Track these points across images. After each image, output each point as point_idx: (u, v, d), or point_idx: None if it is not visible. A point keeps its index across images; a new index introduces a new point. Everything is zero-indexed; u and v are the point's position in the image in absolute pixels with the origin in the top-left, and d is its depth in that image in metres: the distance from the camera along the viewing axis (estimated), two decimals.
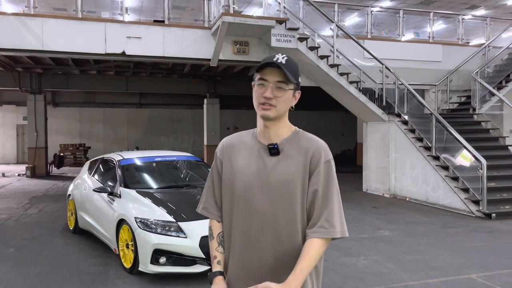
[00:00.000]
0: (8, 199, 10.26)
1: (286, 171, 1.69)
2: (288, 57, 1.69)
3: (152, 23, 10.51)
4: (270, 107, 1.67)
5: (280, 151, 1.72)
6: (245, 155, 1.77)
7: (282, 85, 1.66)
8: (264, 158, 1.73)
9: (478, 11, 17.51)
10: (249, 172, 1.73)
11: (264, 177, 1.70)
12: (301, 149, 1.71)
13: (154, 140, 22.50)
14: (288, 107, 1.73)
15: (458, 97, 12.87)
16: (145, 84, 17.55)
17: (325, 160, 1.70)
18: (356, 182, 12.36)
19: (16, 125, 21.21)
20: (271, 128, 1.73)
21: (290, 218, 1.69)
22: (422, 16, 13.98)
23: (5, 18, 9.16)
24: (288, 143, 1.73)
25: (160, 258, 4.53)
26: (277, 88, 1.66)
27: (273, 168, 1.70)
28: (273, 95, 1.66)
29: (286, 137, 1.75)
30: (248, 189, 1.72)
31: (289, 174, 1.68)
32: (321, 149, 1.71)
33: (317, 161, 1.69)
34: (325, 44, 10.43)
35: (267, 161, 1.72)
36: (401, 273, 4.98)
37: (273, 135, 1.74)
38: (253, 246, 1.72)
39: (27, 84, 15.58)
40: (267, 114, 1.68)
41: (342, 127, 24.43)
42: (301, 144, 1.73)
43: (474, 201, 8.34)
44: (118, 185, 5.57)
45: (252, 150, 1.76)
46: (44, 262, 5.37)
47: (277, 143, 1.72)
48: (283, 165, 1.70)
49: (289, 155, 1.71)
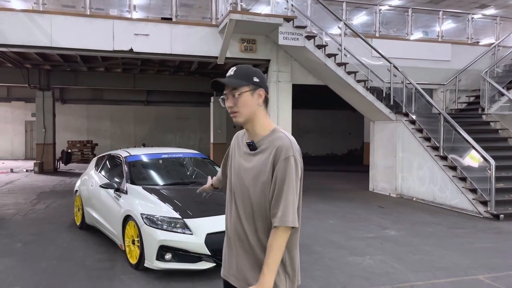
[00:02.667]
0: (16, 194, 10.35)
1: (257, 166, 1.93)
2: (238, 66, 1.98)
3: (160, 21, 10.53)
4: (235, 114, 1.94)
5: (257, 147, 1.96)
6: (239, 149, 2.07)
7: (235, 92, 1.93)
8: (246, 153, 2.01)
9: (487, 10, 17.34)
10: (236, 165, 2.04)
11: (243, 170, 1.98)
12: (269, 146, 1.92)
13: (161, 137, 22.59)
14: (253, 108, 1.94)
15: (467, 96, 12.76)
16: (152, 82, 17.59)
17: (285, 157, 1.86)
18: (362, 181, 12.31)
19: (25, 121, 21.39)
20: (249, 129, 2.00)
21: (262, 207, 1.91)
22: (431, 15, 13.87)
23: (14, 15, 9.23)
24: (264, 141, 1.96)
25: (165, 255, 4.54)
26: (234, 97, 1.93)
27: (249, 163, 1.97)
28: (232, 103, 1.93)
29: (264, 135, 1.97)
30: (234, 178, 2.03)
31: (259, 169, 1.92)
32: (283, 147, 1.87)
33: (278, 158, 1.86)
34: (332, 43, 10.38)
35: (247, 156, 2.00)
36: (407, 273, 4.95)
37: (252, 134, 2.00)
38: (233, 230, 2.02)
39: (35, 81, 15.69)
40: (236, 120, 1.96)
41: (349, 126, 24.32)
42: (271, 142, 1.93)
43: (482, 202, 8.26)
44: (124, 182, 5.59)
45: (242, 146, 2.06)
46: (51, 257, 5.40)
47: (254, 141, 1.97)
48: (257, 161, 1.94)
49: (263, 151, 1.93)
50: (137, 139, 22.25)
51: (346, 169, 16.42)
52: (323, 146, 24.85)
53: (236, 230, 1.99)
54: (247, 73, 1.96)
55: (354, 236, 6.59)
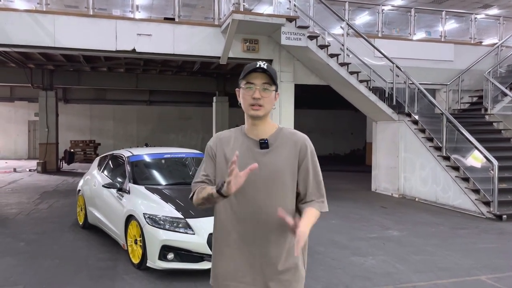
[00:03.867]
0: (19, 194, 10.39)
1: (276, 162, 1.93)
2: (267, 64, 1.95)
3: (163, 21, 10.54)
4: (259, 107, 1.91)
5: (269, 145, 1.96)
6: (237, 148, 1.96)
7: (267, 86, 1.92)
8: (254, 151, 1.96)
9: (491, 10, 17.29)
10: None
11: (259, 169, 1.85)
12: (288, 142, 1.98)
13: (163, 137, 22.62)
14: (271, 106, 1.97)
15: (469, 97, 12.72)
16: (155, 82, 17.63)
17: (310, 149, 2.00)
18: (365, 181, 12.30)
19: (28, 121, 21.47)
20: (259, 126, 1.97)
21: (280, 204, 1.89)
22: (434, 15, 13.84)
23: (17, 15, 9.26)
24: (275, 138, 1.98)
25: (168, 254, 4.55)
26: (264, 90, 1.91)
27: (263, 160, 1.92)
28: (261, 96, 1.90)
29: (272, 133, 1.99)
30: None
31: (278, 165, 1.93)
32: (306, 141, 2.00)
33: (305, 152, 1.97)
34: (335, 43, 10.37)
35: (257, 154, 1.95)
36: (409, 273, 4.95)
37: (260, 132, 1.98)
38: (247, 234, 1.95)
39: (38, 81, 15.75)
40: (257, 114, 1.92)
41: (352, 126, 24.30)
42: (287, 138, 1.99)
43: (485, 202, 8.24)
44: (127, 181, 5.60)
45: (243, 144, 1.98)
46: (53, 256, 5.42)
47: (267, 139, 1.96)
48: (273, 157, 1.94)
49: (278, 147, 1.96)
50: (140, 139, 22.29)
51: (349, 169, 16.39)
52: (326, 146, 24.83)
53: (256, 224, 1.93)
54: (275, 74, 1.97)
55: (356, 236, 6.59)
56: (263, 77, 1.91)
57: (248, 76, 1.93)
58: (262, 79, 1.91)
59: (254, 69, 1.91)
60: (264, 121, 1.97)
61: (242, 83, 1.96)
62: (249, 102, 1.92)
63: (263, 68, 1.90)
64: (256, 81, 1.91)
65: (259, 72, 1.91)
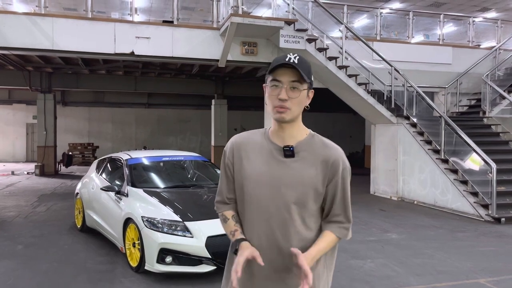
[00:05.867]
0: (17, 197, 10.35)
1: (301, 174, 1.67)
2: (300, 56, 1.65)
3: (161, 24, 10.55)
4: (285, 109, 1.64)
5: (295, 154, 1.70)
6: (257, 155, 1.73)
7: (296, 84, 1.63)
8: (277, 159, 1.70)
9: (489, 13, 17.35)
10: (261, 172, 1.70)
11: (277, 179, 1.68)
12: (318, 155, 1.70)
13: (162, 140, 22.60)
14: (302, 108, 1.71)
15: (468, 100, 12.76)
16: (153, 84, 17.62)
17: (343, 167, 1.74)
18: (363, 184, 12.29)
19: (26, 123, 21.41)
20: (286, 130, 1.71)
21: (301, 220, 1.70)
22: (432, 18, 13.90)
23: (16, 18, 9.25)
24: (304, 146, 1.71)
25: (166, 257, 4.53)
26: (292, 89, 1.63)
27: (286, 170, 1.68)
28: (288, 97, 1.62)
29: (301, 140, 1.72)
30: (259, 189, 1.70)
31: (304, 178, 1.67)
32: (339, 158, 1.73)
33: (336, 169, 1.71)
34: (334, 46, 10.39)
35: (280, 163, 1.69)
36: (408, 276, 4.94)
37: (287, 137, 1.71)
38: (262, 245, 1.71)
39: (37, 83, 15.72)
40: (283, 117, 1.65)
41: (350, 129, 24.31)
42: (318, 149, 1.71)
43: (483, 205, 8.24)
44: (125, 184, 5.59)
45: (264, 150, 1.73)
46: (52, 259, 5.40)
47: (293, 146, 1.70)
48: (298, 168, 1.68)
49: (305, 159, 1.69)
50: (138, 141, 22.26)
51: None
52: None
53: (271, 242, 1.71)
54: (310, 68, 1.66)
55: (355, 239, 6.57)
56: (292, 74, 1.62)
57: (275, 72, 1.64)
58: (290, 76, 1.62)
59: (283, 63, 1.62)
60: (293, 125, 1.70)
61: (268, 79, 1.67)
62: (274, 104, 1.65)
63: (291, 64, 1.60)
64: (283, 78, 1.62)
65: (287, 67, 1.62)
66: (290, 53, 1.65)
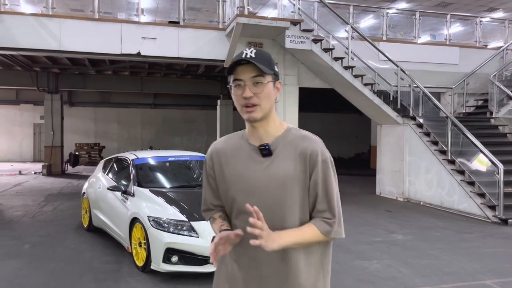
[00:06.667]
0: (25, 196, 10.43)
1: (281, 172, 1.59)
2: (257, 49, 1.59)
3: (167, 24, 10.59)
4: (253, 107, 1.57)
5: (272, 151, 1.62)
6: (236, 159, 1.67)
7: (259, 79, 1.55)
8: (256, 160, 1.63)
9: (496, 13, 17.24)
10: (242, 176, 1.64)
11: (258, 180, 1.61)
12: (296, 148, 1.61)
13: (168, 140, 22.67)
14: (272, 102, 1.62)
15: (475, 100, 12.68)
16: (159, 85, 17.69)
17: (322, 159, 1.61)
18: (369, 185, 12.25)
19: (33, 124, 21.59)
20: (259, 128, 1.63)
21: (287, 220, 1.60)
22: (439, 18, 13.83)
23: (24, 19, 9.33)
24: (281, 142, 1.63)
25: (172, 257, 4.55)
26: (255, 84, 1.55)
27: (266, 170, 1.60)
28: (252, 93, 1.55)
29: (278, 135, 1.64)
30: (242, 193, 1.64)
31: (285, 175, 1.59)
32: (318, 149, 1.61)
33: (315, 160, 1.60)
34: (339, 46, 10.37)
35: (259, 163, 1.62)
36: (414, 277, 4.92)
37: (263, 135, 1.64)
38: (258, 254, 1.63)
39: (44, 84, 15.85)
40: (253, 116, 1.58)
41: (356, 129, 24.24)
42: (296, 143, 1.62)
43: (490, 206, 8.19)
44: (131, 184, 5.62)
45: (243, 153, 1.67)
46: (58, 259, 5.44)
47: (269, 144, 1.62)
48: (278, 166, 1.60)
49: (284, 154, 1.61)
50: (144, 142, 22.36)
51: (353, 173, 16.33)
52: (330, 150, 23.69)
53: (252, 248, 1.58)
54: (270, 59, 1.59)
55: (361, 240, 6.56)
56: (252, 69, 1.55)
57: (235, 71, 1.58)
58: (251, 72, 1.55)
59: (238, 61, 1.55)
60: (267, 122, 1.63)
61: (230, 79, 1.61)
62: (241, 103, 1.59)
63: (247, 59, 1.53)
64: (244, 76, 1.55)
65: (244, 64, 1.55)
66: (246, 48, 1.59)
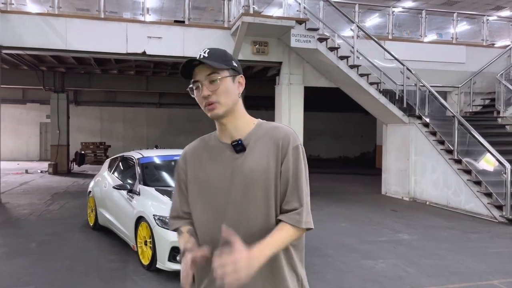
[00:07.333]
0: (31, 195, 10.50)
1: (255, 166, 1.55)
2: (210, 48, 1.59)
3: (173, 23, 10.60)
4: (213, 105, 1.55)
5: (245, 146, 1.58)
6: (210, 159, 1.64)
7: (214, 76, 1.54)
8: (231, 157, 1.59)
9: (503, 12, 17.10)
10: (216, 176, 1.60)
11: (233, 178, 1.57)
12: (269, 139, 1.58)
13: (173, 139, 22.69)
14: (234, 97, 1.59)
15: (481, 99, 12.59)
16: (165, 84, 17.72)
17: (293, 146, 1.56)
18: (375, 184, 12.21)
19: (40, 123, 21.70)
20: (228, 125, 1.60)
21: (264, 215, 1.55)
22: (445, 17, 13.73)
23: (30, 18, 9.38)
24: (253, 137, 1.60)
25: (177, 256, 4.56)
26: (211, 83, 1.54)
27: (241, 166, 1.57)
28: (209, 91, 1.54)
29: (249, 131, 1.61)
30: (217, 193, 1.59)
31: (259, 169, 1.55)
32: (289, 135, 1.57)
33: (286, 148, 1.56)
34: (345, 45, 10.34)
35: (233, 160, 1.59)
36: (420, 277, 4.89)
37: (233, 132, 1.61)
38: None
39: (50, 83, 15.93)
40: (215, 113, 1.56)
41: (361, 129, 24.15)
42: (267, 134, 1.59)
43: (497, 206, 8.13)
44: (137, 183, 5.63)
45: (217, 152, 1.63)
46: (64, 257, 5.47)
47: (241, 139, 1.59)
48: (252, 161, 1.56)
49: (256, 148, 1.58)
50: (150, 141, 22.40)
51: (358, 172, 16.29)
52: (335, 149, 24.72)
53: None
54: (225, 55, 1.59)
55: (366, 240, 6.54)
56: (206, 68, 1.55)
57: (193, 74, 1.59)
58: (205, 71, 1.55)
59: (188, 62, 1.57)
60: (233, 117, 1.60)
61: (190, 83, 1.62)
62: (202, 103, 1.58)
63: (198, 60, 1.54)
64: (199, 77, 1.56)
65: (197, 65, 1.57)
66: (201, 50, 1.59)
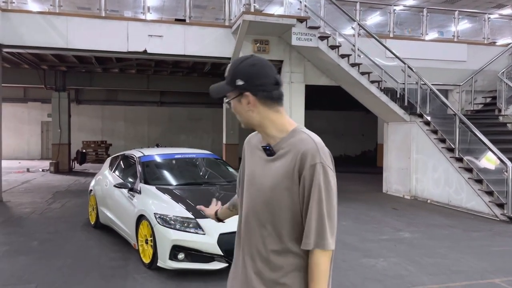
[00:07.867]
0: (33, 193, 10.52)
1: (275, 174, 1.61)
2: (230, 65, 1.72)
3: (174, 22, 10.60)
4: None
5: (275, 152, 1.64)
6: (252, 155, 1.77)
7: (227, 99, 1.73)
8: (264, 159, 1.69)
9: (504, 10, 17.05)
10: (250, 172, 1.74)
11: (257, 179, 1.68)
12: (293, 152, 1.59)
13: (174, 138, 22.72)
14: (244, 115, 1.67)
15: (483, 97, 12.57)
16: (165, 83, 17.73)
17: (310, 164, 1.54)
18: (376, 183, 12.20)
19: (41, 121, 21.74)
20: (260, 132, 1.73)
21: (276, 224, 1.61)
22: (447, 15, 13.70)
23: (31, 17, 9.38)
24: (283, 143, 1.63)
25: (178, 254, 4.56)
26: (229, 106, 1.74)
27: (265, 170, 1.65)
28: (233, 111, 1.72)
29: (281, 137, 1.65)
30: (247, 188, 1.74)
31: (276, 178, 1.60)
32: (308, 152, 1.55)
33: (303, 166, 1.55)
34: (346, 43, 10.31)
35: (263, 163, 1.68)
36: (421, 276, 4.89)
37: (265, 138, 1.70)
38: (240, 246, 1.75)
39: (51, 82, 15.94)
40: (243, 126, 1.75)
41: (363, 127, 24.15)
42: (294, 146, 1.60)
43: (499, 205, 8.12)
44: (138, 181, 5.64)
45: (256, 151, 1.75)
46: (66, 255, 5.48)
47: (271, 145, 1.66)
48: (274, 168, 1.62)
49: (284, 156, 1.61)
50: (151, 139, 22.42)
51: (359, 171, 16.26)
52: (336, 147, 24.64)
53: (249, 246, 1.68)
54: (233, 75, 1.65)
55: (367, 238, 6.54)
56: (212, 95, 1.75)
57: None
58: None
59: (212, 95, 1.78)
60: (263, 128, 1.67)
61: None
62: None
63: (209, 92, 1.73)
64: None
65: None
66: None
